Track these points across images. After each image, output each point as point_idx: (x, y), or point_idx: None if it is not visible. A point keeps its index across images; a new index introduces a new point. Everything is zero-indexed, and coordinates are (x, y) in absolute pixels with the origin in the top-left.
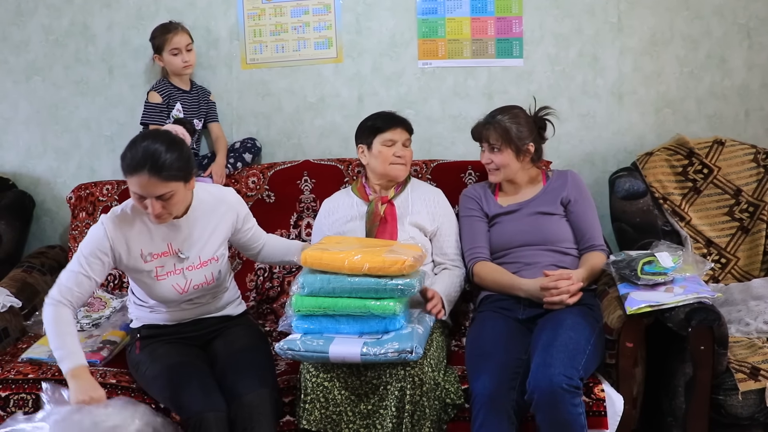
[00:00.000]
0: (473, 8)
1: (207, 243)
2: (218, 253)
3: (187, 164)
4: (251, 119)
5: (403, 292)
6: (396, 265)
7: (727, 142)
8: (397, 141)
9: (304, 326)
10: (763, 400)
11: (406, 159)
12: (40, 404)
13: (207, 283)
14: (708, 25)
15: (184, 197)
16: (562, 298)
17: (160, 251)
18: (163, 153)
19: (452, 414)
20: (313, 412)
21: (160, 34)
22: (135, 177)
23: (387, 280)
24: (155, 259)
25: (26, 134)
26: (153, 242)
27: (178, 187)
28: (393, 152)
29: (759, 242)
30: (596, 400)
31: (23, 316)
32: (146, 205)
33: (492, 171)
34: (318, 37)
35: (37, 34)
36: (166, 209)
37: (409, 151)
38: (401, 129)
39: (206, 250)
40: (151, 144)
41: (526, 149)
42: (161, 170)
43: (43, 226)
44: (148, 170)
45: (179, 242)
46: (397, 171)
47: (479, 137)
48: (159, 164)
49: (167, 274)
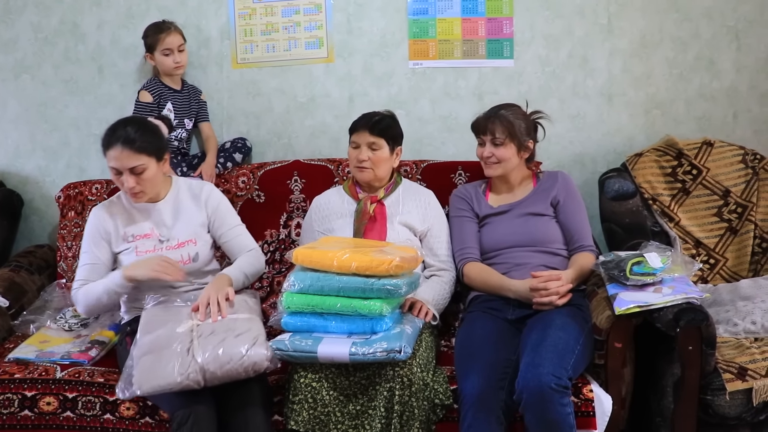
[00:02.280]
0: (464, 9)
1: (185, 225)
2: (195, 237)
3: (160, 142)
4: (242, 119)
5: (390, 293)
6: (383, 265)
7: (715, 144)
8: (360, 144)
9: (293, 323)
10: (750, 400)
11: (371, 163)
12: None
13: (183, 262)
14: (697, 28)
15: (156, 175)
16: (552, 299)
17: (142, 233)
18: (135, 130)
19: (441, 414)
20: (302, 412)
21: (153, 33)
22: (110, 151)
23: (374, 280)
24: (137, 240)
25: (15, 133)
26: (136, 224)
27: (150, 162)
28: (356, 155)
29: (747, 243)
30: (585, 401)
31: (10, 316)
32: (122, 182)
33: (491, 165)
34: (309, 36)
35: (26, 33)
36: (139, 185)
37: (376, 155)
38: (366, 132)
39: (184, 232)
40: (125, 123)
41: (527, 146)
42: (133, 142)
43: (32, 225)
44: (121, 143)
45: (159, 225)
46: (360, 175)
47: (483, 130)
48: (131, 137)
49: (146, 251)
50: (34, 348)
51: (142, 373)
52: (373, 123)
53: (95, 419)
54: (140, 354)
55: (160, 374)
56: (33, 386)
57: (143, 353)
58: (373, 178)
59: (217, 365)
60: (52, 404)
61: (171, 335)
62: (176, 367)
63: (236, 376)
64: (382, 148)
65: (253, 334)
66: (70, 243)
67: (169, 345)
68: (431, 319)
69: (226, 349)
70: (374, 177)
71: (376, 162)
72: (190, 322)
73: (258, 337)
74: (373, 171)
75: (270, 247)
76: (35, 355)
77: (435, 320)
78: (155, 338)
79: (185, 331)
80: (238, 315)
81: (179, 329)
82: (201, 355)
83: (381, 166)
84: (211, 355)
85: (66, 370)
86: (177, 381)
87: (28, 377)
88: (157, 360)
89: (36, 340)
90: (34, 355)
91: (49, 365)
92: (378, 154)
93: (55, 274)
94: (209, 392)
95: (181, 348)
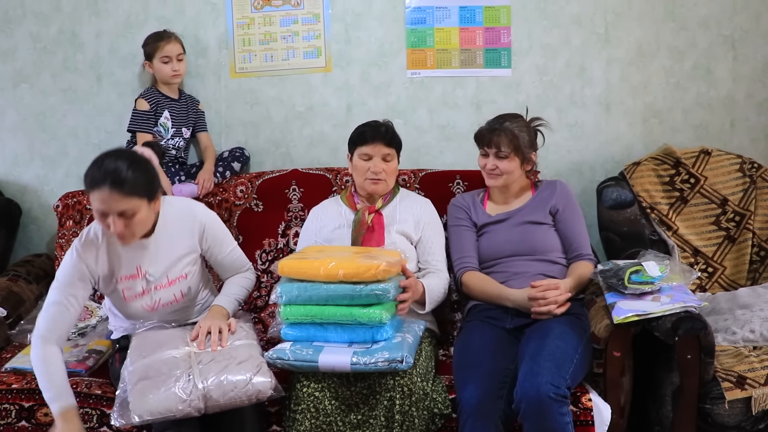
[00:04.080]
0: (462, 18)
1: (175, 261)
2: (186, 271)
3: (151, 182)
4: (240, 128)
5: (379, 298)
6: (370, 271)
7: (713, 152)
8: (373, 156)
9: (293, 334)
10: (749, 408)
11: (385, 175)
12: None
13: (176, 301)
14: (694, 37)
15: (147, 217)
16: (550, 308)
17: (128, 274)
18: (125, 169)
19: (440, 424)
20: (304, 422)
21: (153, 41)
22: (96, 192)
23: (362, 287)
24: (124, 282)
25: (13, 142)
26: (122, 265)
27: (140, 205)
28: (368, 167)
29: (745, 251)
30: (583, 410)
31: (8, 325)
32: (108, 224)
33: (494, 176)
34: (307, 46)
35: (25, 42)
36: (128, 228)
37: (390, 166)
38: (380, 144)
39: (174, 270)
40: (113, 161)
41: (530, 158)
42: (122, 184)
43: (30, 234)
44: (109, 185)
45: (147, 263)
46: (372, 188)
47: (487, 143)
48: (120, 179)
49: (135, 296)
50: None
51: (140, 399)
52: (389, 135)
53: (92, 431)
54: (135, 379)
55: (160, 401)
56: (31, 397)
57: (139, 378)
58: (386, 189)
59: (220, 393)
60: (49, 415)
61: (168, 360)
62: (177, 394)
63: (239, 404)
64: (394, 159)
65: (255, 362)
66: None
67: (166, 371)
68: (419, 308)
69: (229, 377)
70: (386, 188)
71: (389, 173)
72: (187, 348)
73: (261, 365)
74: (386, 182)
75: (268, 256)
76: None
77: (422, 310)
78: (151, 363)
79: (183, 356)
80: (237, 342)
81: (176, 354)
82: (203, 382)
83: (393, 177)
84: (214, 383)
85: None
86: (178, 408)
87: (26, 387)
88: (155, 386)
89: None
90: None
91: None
92: (391, 165)
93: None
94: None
95: (181, 374)
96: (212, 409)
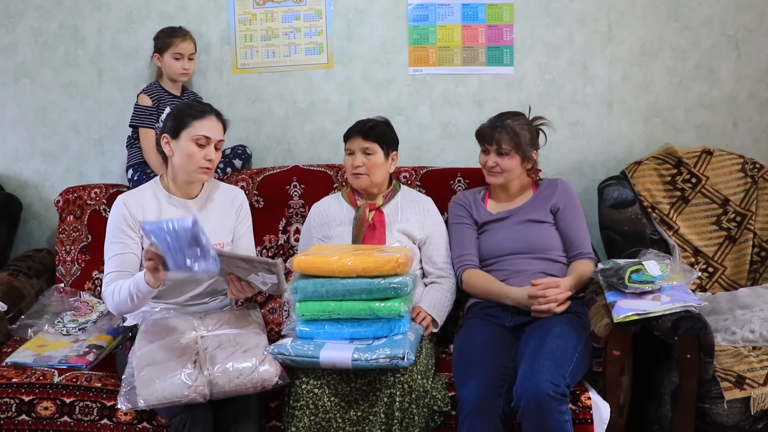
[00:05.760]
0: (464, 16)
1: (215, 227)
2: (223, 241)
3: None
4: (241, 124)
5: (397, 291)
6: (389, 264)
7: (715, 152)
8: (354, 150)
9: (308, 331)
10: (748, 408)
11: (365, 169)
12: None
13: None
14: (697, 36)
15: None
16: (550, 306)
17: None
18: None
19: (439, 421)
20: (303, 418)
21: (167, 36)
22: (205, 120)
23: (380, 280)
24: None
25: (14, 137)
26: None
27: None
28: (351, 162)
29: (746, 252)
30: (583, 408)
31: (8, 320)
32: (206, 154)
33: (494, 173)
34: (309, 42)
35: (26, 37)
36: (214, 161)
37: (371, 160)
38: (359, 138)
39: (213, 235)
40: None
41: (531, 156)
42: (221, 116)
43: (31, 230)
44: (215, 114)
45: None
46: (356, 182)
47: (488, 140)
48: (221, 113)
49: None
50: (32, 352)
51: (146, 385)
52: (366, 129)
53: (92, 424)
54: (142, 364)
55: (166, 387)
56: (30, 391)
57: (145, 364)
58: (370, 184)
59: (226, 380)
60: (49, 409)
61: (174, 346)
62: (183, 380)
63: (244, 392)
64: (376, 153)
65: (261, 350)
66: (69, 247)
67: (173, 356)
68: (432, 326)
69: (235, 364)
70: (370, 183)
71: (370, 167)
72: (194, 333)
73: (267, 353)
74: (368, 177)
75: (269, 252)
76: (33, 359)
77: (436, 327)
78: (157, 348)
79: (189, 342)
80: (244, 330)
81: (182, 340)
82: (209, 369)
83: (376, 172)
84: (220, 369)
85: (63, 375)
86: (184, 394)
87: (26, 382)
88: (161, 372)
89: (34, 344)
90: (32, 359)
91: (46, 370)
92: (372, 159)
93: (53, 278)
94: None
95: (187, 360)
96: (218, 396)
